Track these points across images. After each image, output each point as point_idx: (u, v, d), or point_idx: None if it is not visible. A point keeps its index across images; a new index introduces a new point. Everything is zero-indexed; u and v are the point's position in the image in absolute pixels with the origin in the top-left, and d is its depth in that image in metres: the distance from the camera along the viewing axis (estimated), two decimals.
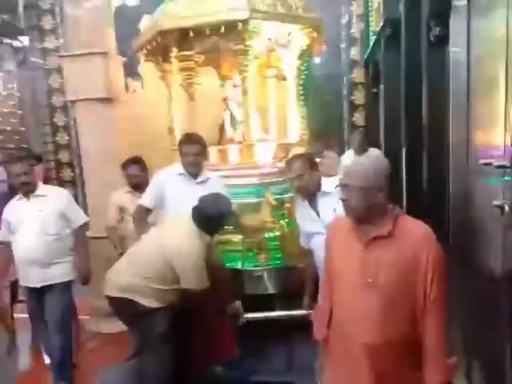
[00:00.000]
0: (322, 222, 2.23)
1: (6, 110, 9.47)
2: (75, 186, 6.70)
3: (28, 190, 2.81)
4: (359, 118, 6.00)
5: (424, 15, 2.33)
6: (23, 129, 10.07)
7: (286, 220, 3.19)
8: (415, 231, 1.49)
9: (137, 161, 3.29)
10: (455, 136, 2.20)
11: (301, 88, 3.77)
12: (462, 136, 2.15)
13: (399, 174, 3.26)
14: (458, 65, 2.17)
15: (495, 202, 1.58)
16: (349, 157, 4.41)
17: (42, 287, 2.82)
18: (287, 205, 3.18)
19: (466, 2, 2.09)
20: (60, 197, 2.92)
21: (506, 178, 1.55)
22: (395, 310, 1.49)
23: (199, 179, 2.77)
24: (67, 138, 6.60)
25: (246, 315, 2.60)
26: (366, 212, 1.50)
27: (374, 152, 4.25)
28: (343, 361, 1.61)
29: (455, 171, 2.27)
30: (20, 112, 10.01)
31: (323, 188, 2.26)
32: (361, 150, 4.31)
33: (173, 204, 2.69)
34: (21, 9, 6.40)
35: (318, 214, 2.28)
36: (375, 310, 1.50)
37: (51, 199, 2.86)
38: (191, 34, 3.04)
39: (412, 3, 2.58)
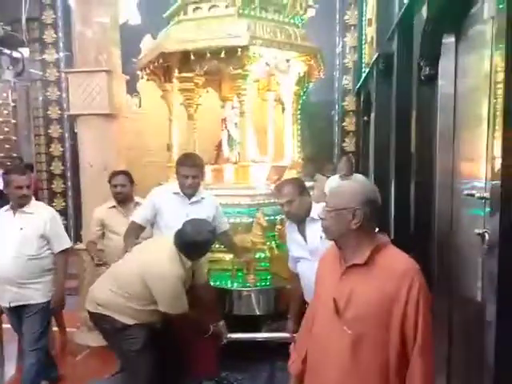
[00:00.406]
0: (309, 248, 2.23)
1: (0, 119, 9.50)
2: (66, 197, 6.71)
3: (24, 203, 2.70)
4: (349, 143, 6.21)
5: (415, 54, 2.51)
6: (15, 138, 10.10)
7: (277, 241, 3.24)
8: (396, 264, 1.36)
9: (122, 172, 3.26)
10: (441, 166, 2.34)
11: (298, 112, 3.89)
12: (447, 166, 2.30)
13: (388, 200, 3.39)
14: (445, 98, 2.34)
15: (476, 231, 1.69)
16: (334, 181, 4.48)
17: (18, 306, 2.71)
18: (278, 226, 3.23)
19: (453, 39, 2.28)
20: (46, 218, 2.77)
21: (487, 209, 1.66)
22: (366, 351, 1.34)
23: (194, 199, 2.74)
24: (61, 149, 6.62)
25: (229, 335, 2.59)
26: (338, 235, 1.42)
27: (359, 177, 4.38)
28: None
29: (441, 200, 2.40)
30: (13, 121, 10.05)
31: (312, 214, 2.23)
32: (347, 174, 4.44)
33: (165, 223, 2.68)
34: (23, 21, 6.51)
35: (305, 239, 2.27)
36: (345, 350, 1.36)
37: (36, 218, 2.74)
38: (192, 56, 3.15)
39: (404, 42, 2.77)
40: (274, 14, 3.37)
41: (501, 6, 1.38)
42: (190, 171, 2.69)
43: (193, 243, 2.29)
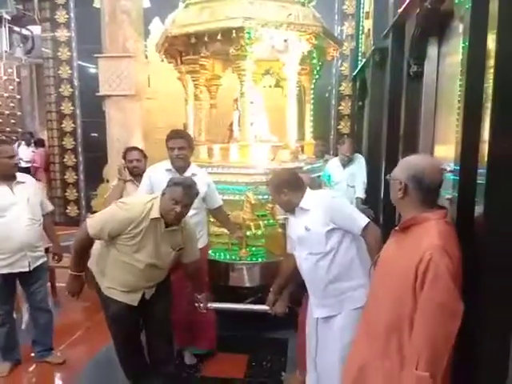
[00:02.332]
0: (296, 235, 2.23)
1: (5, 95, 9.75)
2: (77, 171, 7.12)
3: (14, 173, 2.91)
4: (344, 126, 6.69)
5: (406, 53, 2.99)
6: (20, 113, 10.37)
7: (269, 220, 3.36)
8: (422, 237, 1.46)
9: (136, 148, 3.48)
10: (423, 147, 2.86)
11: (312, 92, 4.00)
12: (427, 147, 2.82)
13: (379, 177, 3.90)
14: (428, 92, 2.85)
15: (447, 196, 2.18)
16: (334, 162, 4.59)
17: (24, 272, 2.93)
18: (269, 205, 3.27)
19: (436, 51, 2.78)
20: (35, 184, 3.11)
21: (454, 179, 2.11)
22: (388, 304, 1.53)
23: (185, 175, 2.83)
24: (73, 125, 7.00)
25: (209, 304, 2.72)
26: (393, 202, 1.64)
27: (360, 157, 4.57)
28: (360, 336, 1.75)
29: None
30: (18, 97, 10.30)
31: (302, 203, 2.21)
32: (349, 154, 4.40)
33: None
34: (36, 0, 6.77)
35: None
36: (375, 299, 1.64)
37: (31, 186, 3.02)
38: (193, 39, 3.29)
39: (396, 42, 3.23)
40: None
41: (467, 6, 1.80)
42: (176, 143, 2.86)
43: (176, 183, 2.31)
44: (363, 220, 2.09)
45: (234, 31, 3.10)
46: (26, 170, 7.87)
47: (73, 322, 2.27)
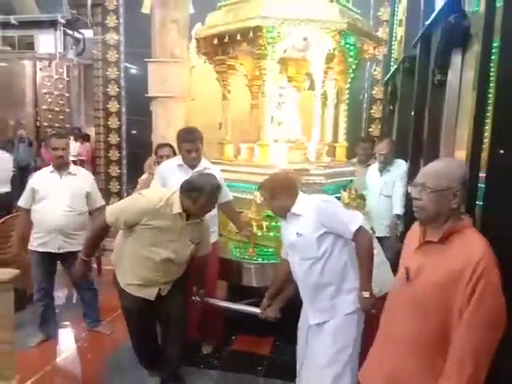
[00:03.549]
0: (288, 241, 2.24)
1: (56, 93, 10.49)
2: (120, 165, 7.63)
3: (61, 164, 3.19)
4: (375, 129, 6.86)
5: (432, 62, 3.20)
6: (68, 110, 11.12)
7: (277, 222, 3.20)
8: (469, 246, 1.39)
9: (168, 145, 3.62)
10: (444, 152, 3.07)
11: (347, 92, 3.85)
12: (448, 154, 3.02)
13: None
14: (451, 100, 3.05)
15: None
16: (373, 168, 4.16)
17: (60, 254, 3.21)
18: None
19: (460, 53, 2.96)
20: (87, 179, 3.39)
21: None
22: (424, 317, 1.46)
23: (196, 170, 2.96)
24: (118, 123, 7.51)
25: (205, 299, 2.75)
26: (435, 215, 1.48)
27: (401, 163, 4.02)
28: (378, 342, 1.71)
29: None
30: (67, 95, 11.04)
31: (294, 209, 2.19)
32: (386, 153, 3.93)
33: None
34: (89, 6, 7.33)
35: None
36: (408, 313, 1.51)
37: (81, 179, 3.30)
38: (216, 41, 3.37)
39: (424, 51, 3.43)
40: None
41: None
42: (193, 146, 2.94)
43: (198, 186, 2.32)
44: (355, 224, 2.09)
45: (251, 31, 3.10)
46: (73, 163, 8.51)
47: (116, 298, 2.59)
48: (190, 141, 2.93)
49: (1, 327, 2.05)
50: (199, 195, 2.30)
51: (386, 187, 3.86)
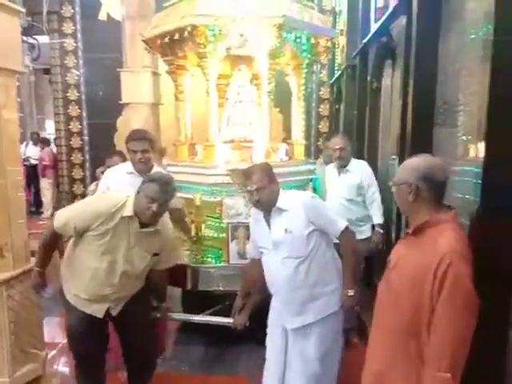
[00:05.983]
0: (272, 239, 2.08)
1: None
2: (83, 168, 7.82)
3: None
4: (323, 126, 7.61)
5: (369, 70, 3.91)
6: (21, 114, 10.95)
7: (220, 224, 3.11)
8: (438, 240, 1.41)
9: (117, 153, 3.50)
10: (382, 147, 3.79)
11: (302, 88, 3.72)
12: (386, 146, 3.75)
13: None
14: (384, 104, 3.78)
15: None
16: (330, 169, 3.60)
17: None
18: (218, 207, 3.12)
19: (391, 71, 3.69)
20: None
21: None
22: (400, 310, 1.47)
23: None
24: (79, 126, 7.69)
25: (169, 314, 2.59)
26: (401, 207, 1.60)
27: (363, 165, 3.45)
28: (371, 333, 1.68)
29: (381, 166, 3.87)
30: (19, 100, 10.86)
31: (279, 203, 2.08)
32: (341, 147, 3.33)
33: None
34: (44, 13, 7.43)
35: (270, 230, 2.11)
36: (386, 306, 1.55)
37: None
38: (158, 41, 3.25)
39: (362, 63, 4.15)
40: None
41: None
42: (139, 145, 2.60)
43: (153, 179, 2.13)
44: (342, 223, 2.08)
45: (186, 30, 2.97)
46: (35, 168, 8.56)
47: None
48: (135, 139, 2.62)
49: None
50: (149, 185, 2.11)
51: (347, 190, 3.30)
